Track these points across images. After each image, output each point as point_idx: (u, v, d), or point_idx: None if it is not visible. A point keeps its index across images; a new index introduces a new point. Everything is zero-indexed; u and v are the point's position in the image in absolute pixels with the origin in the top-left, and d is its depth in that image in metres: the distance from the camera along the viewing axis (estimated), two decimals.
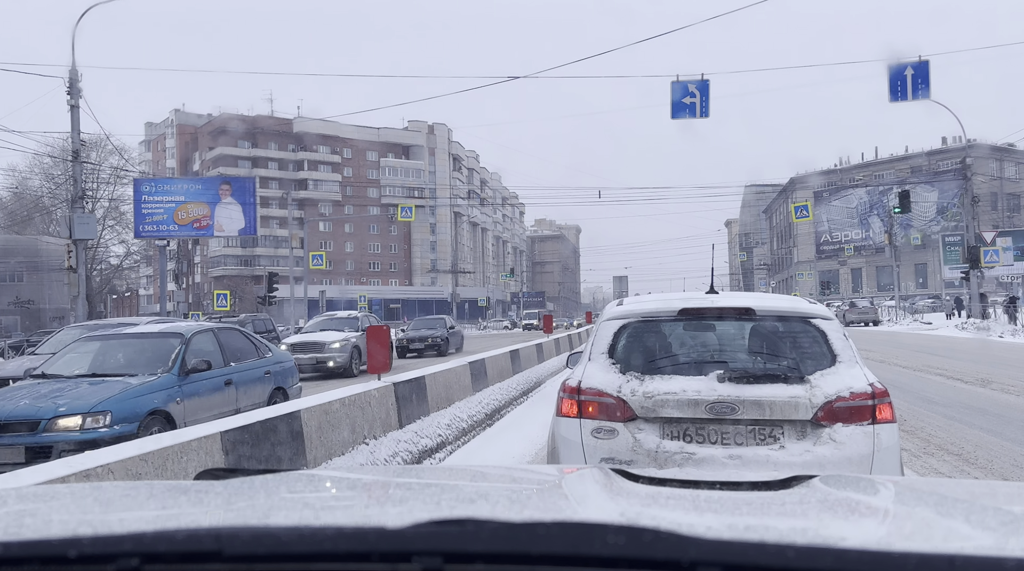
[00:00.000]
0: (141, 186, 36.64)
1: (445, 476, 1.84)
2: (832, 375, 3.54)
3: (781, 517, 1.19)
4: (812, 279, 77.39)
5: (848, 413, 3.45)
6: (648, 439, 3.52)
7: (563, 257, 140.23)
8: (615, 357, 3.77)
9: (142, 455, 3.58)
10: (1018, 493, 1.45)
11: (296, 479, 1.45)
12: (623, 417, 3.57)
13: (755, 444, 3.46)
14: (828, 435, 3.42)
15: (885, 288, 72.82)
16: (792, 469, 2.91)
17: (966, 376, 12.74)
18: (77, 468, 3.16)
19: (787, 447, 3.43)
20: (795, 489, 1.38)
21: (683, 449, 3.47)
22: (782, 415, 3.44)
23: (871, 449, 3.41)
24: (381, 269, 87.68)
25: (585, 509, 1.22)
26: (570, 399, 3.72)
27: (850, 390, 3.48)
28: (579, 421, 3.66)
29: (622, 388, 3.60)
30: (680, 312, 3.88)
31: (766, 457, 3.39)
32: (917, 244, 64.44)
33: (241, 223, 36.26)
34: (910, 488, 1.44)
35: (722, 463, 3.40)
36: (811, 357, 3.68)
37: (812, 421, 3.45)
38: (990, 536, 1.01)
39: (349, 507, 1.18)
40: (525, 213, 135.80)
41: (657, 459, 3.47)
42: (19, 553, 0.86)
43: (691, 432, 3.52)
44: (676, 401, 3.50)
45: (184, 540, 0.85)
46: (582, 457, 3.60)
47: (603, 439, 3.58)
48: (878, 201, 78.02)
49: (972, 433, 7.48)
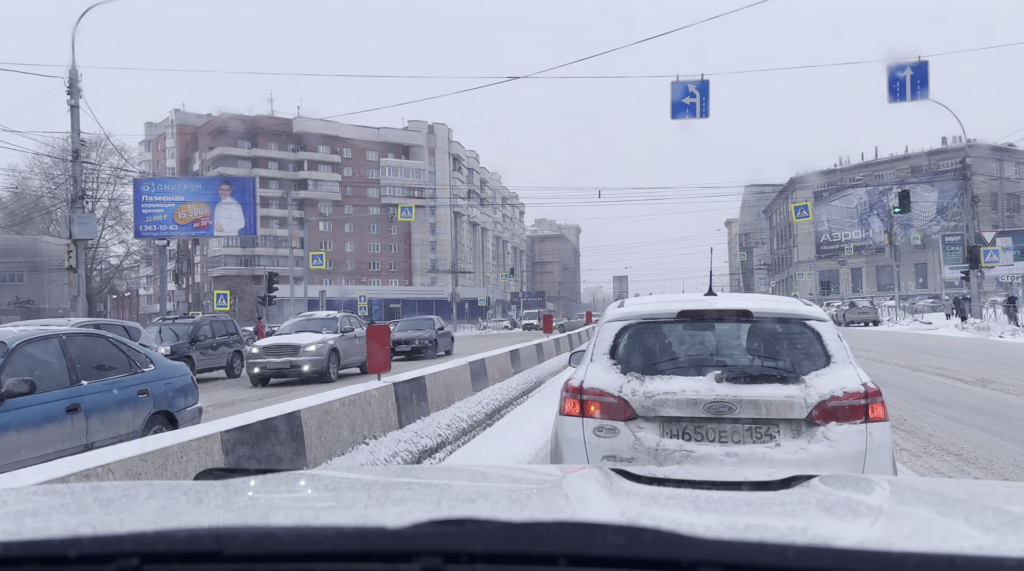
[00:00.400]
0: (141, 186, 36.65)
1: (445, 476, 1.85)
2: (826, 375, 3.65)
3: (781, 517, 1.20)
4: (812, 279, 77.41)
5: (841, 412, 3.55)
6: (648, 437, 3.62)
7: (563, 257, 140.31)
8: (616, 358, 3.88)
9: (142, 455, 3.58)
10: (1018, 493, 1.46)
11: (296, 479, 1.46)
12: (624, 416, 3.66)
13: (752, 442, 3.56)
14: (822, 433, 3.52)
15: (885, 288, 72.89)
16: (788, 467, 3.19)
17: (966, 376, 12.76)
18: (77, 468, 3.16)
19: (783, 445, 3.52)
20: (795, 489, 1.38)
21: (682, 447, 3.57)
22: (778, 414, 3.54)
23: (864, 447, 3.50)
24: (381, 269, 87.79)
25: (585, 509, 1.23)
26: (572, 399, 3.81)
27: (843, 390, 3.58)
28: (581, 420, 3.75)
29: (623, 388, 3.70)
30: (680, 314, 3.98)
31: (762, 455, 3.49)
32: (917, 244, 64.46)
33: (241, 223, 36.20)
34: (910, 488, 1.45)
35: (720, 461, 3.49)
36: (806, 357, 3.79)
37: (807, 420, 3.54)
38: (990, 536, 1.01)
39: (349, 507, 1.18)
40: (525, 213, 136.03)
41: (657, 457, 3.56)
42: (19, 553, 0.86)
43: (690, 431, 3.61)
44: (675, 401, 3.59)
45: (184, 540, 0.85)
46: (584, 455, 3.69)
47: (605, 437, 3.68)
48: (878, 201, 78.03)
49: (972, 433, 7.48)
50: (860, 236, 78.54)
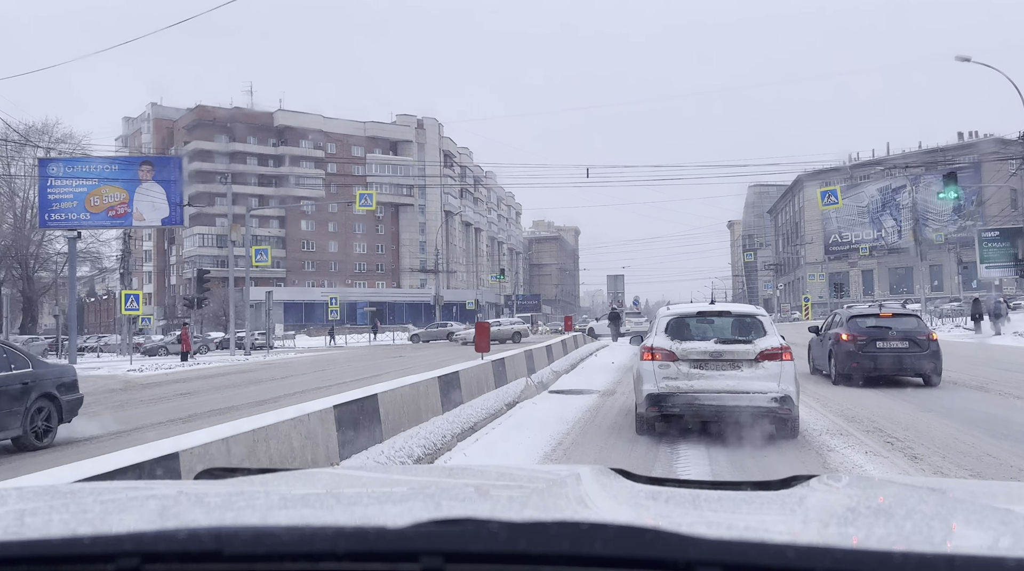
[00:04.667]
0: (48, 167, 32.66)
1: (445, 476, 1.90)
2: (764, 340, 7.97)
3: (781, 517, 1.25)
4: (824, 281, 76.55)
5: (771, 355, 7.82)
6: (683, 368, 7.89)
7: (561, 259, 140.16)
8: (668, 333, 8.24)
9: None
10: (1018, 493, 1.51)
11: (296, 478, 1.50)
12: (672, 359, 7.95)
13: (731, 370, 7.83)
14: (762, 365, 7.81)
15: (897, 290, 72.77)
16: (746, 381, 7.71)
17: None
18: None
19: (744, 371, 7.80)
20: (795, 489, 1.43)
21: (700, 371, 7.86)
22: (743, 357, 7.86)
23: (780, 371, 7.75)
24: (368, 270, 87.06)
25: (586, 509, 1.27)
26: (648, 352, 8.13)
27: (771, 346, 7.88)
28: (652, 362, 8.02)
29: (672, 346, 8.04)
30: (697, 313, 8.61)
31: (734, 375, 7.79)
32: (940, 241, 62.59)
33: (166, 211, 32.13)
34: (910, 488, 1.49)
35: (716, 377, 7.81)
36: (755, 332, 8.12)
37: (755, 360, 7.83)
38: (990, 536, 1.05)
39: (349, 507, 1.22)
40: (522, 214, 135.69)
41: (689, 376, 7.83)
42: (20, 552, 0.90)
43: (702, 364, 7.91)
44: (696, 351, 7.97)
45: (184, 540, 0.88)
46: (654, 377, 7.91)
47: (662, 369, 7.92)
48: (891, 199, 77.94)
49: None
50: (872, 236, 78.38)
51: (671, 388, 7.74)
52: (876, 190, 77.02)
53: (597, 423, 9.44)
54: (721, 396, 7.65)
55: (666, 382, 7.77)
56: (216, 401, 14.00)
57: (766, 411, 7.58)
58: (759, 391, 7.58)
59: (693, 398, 7.68)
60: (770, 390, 7.57)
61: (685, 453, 7.28)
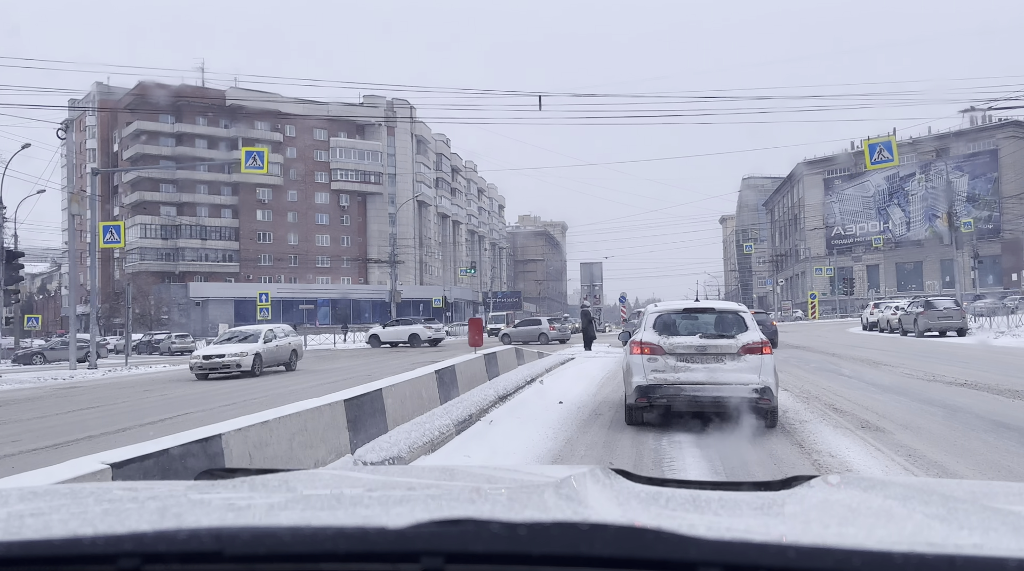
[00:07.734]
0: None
1: (446, 476, 1.98)
2: (746, 335, 8.99)
3: (781, 517, 1.34)
4: (829, 276, 75.41)
5: (752, 349, 8.84)
6: (670, 362, 8.87)
7: (547, 255, 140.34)
8: (655, 328, 9.25)
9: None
10: (1018, 493, 1.60)
11: (296, 479, 1.58)
12: (660, 353, 8.93)
13: (714, 363, 8.82)
14: (744, 359, 8.82)
15: (905, 287, 73.10)
16: (729, 373, 8.77)
17: None
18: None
19: (727, 364, 8.80)
20: (795, 489, 1.53)
21: (686, 365, 8.83)
22: (726, 351, 8.87)
23: (760, 364, 8.75)
24: (331, 265, 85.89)
25: (586, 509, 1.34)
26: (637, 346, 9.10)
27: (752, 340, 8.92)
28: (640, 356, 8.99)
29: (659, 340, 9.03)
30: (683, 310, 9.68)
31: (717, 368, 8.79)
32: (970, 230, 60.99)
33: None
34: (911, 488, 1.58)
35: (700, 370, 8.79)
36: (737, 327, 9.12)
37: (737, 353, 8.84)
38: (990, 536, 1.13)
39: (350, 507, 1.29)
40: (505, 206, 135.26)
41: (676, 369, 8.82)
42: (20, 553, 0.96)
43: (687, 358, 8.89)
44: (682, 345, 8.95)
45: (185, 540, 0.95)
46: (643, 370, 8.88)
47: (651, 362, 8.89)
48: (899, 188, 78.30)
49: None
50: (877, 229, 78.54)
51: (659, 380, 8.84)
52: (883, 178, 77.09)
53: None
54: (706, 387, 8.74)
55: (654, 375, 8.87)
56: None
57: (748, 401, 8.66)
58: (741, 383, 8.67)
59: (680, 389, 8.77)
60: (751, 382, 8.65)
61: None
